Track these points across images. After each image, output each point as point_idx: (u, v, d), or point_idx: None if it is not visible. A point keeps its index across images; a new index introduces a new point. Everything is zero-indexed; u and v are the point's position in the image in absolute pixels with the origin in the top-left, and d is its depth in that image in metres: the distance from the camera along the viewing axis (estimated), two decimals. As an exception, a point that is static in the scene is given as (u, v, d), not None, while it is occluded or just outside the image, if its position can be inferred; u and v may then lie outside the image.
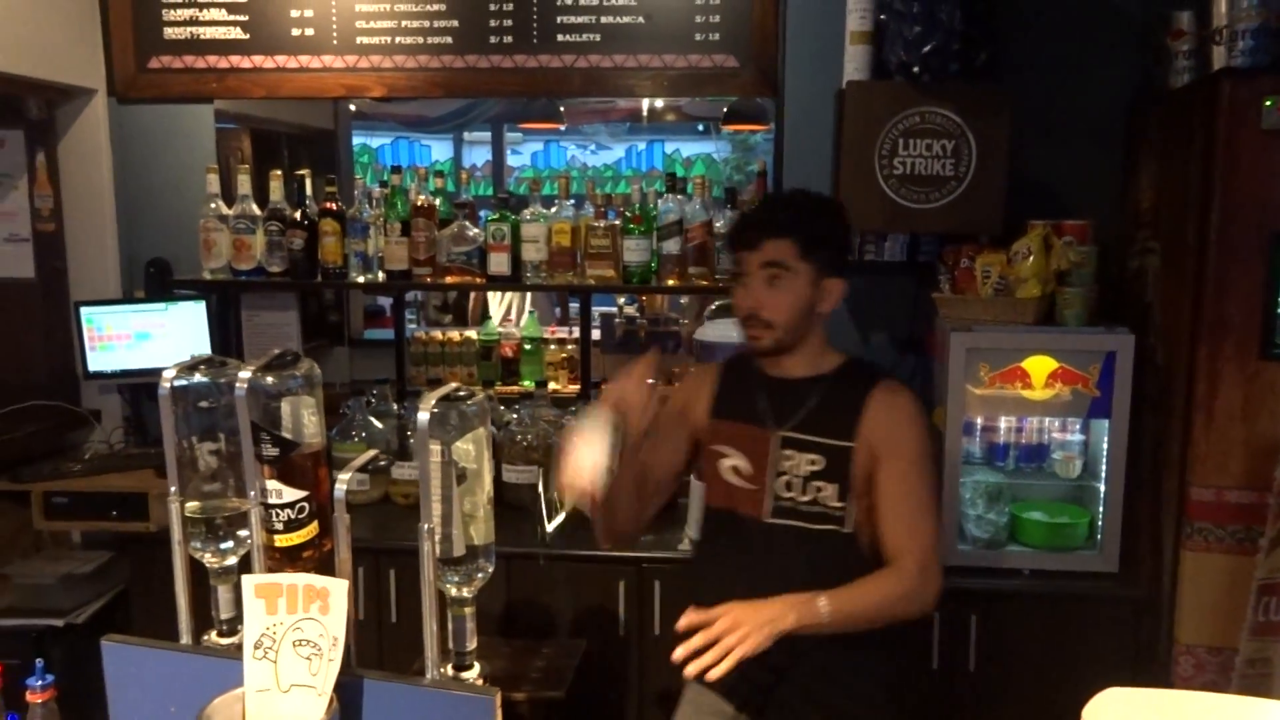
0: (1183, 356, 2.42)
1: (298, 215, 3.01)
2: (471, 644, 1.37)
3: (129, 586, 2.97)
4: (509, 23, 3.07)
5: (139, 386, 3.26)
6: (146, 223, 3.34)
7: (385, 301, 5.25)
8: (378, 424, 3.05)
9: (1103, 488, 2.60)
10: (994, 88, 2.67)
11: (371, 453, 1.41)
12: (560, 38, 3.06)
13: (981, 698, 2.59)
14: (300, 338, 3.26)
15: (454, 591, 1.35)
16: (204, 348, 3.12)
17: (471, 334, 4.01)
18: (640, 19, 3.03)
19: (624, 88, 3.13)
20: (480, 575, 1.36)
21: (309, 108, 3.88)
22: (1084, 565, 2.60)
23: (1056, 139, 2.89)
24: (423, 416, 1.26)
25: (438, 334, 4.06)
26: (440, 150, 7.92)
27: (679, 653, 1.68)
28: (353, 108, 4.60)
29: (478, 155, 8.00)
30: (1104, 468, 2.59)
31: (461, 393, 1.33)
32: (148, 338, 3.17)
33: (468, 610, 1.36)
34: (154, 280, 3.23)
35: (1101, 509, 2.60)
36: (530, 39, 3.06)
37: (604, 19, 3.04)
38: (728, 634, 1.65)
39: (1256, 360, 2.34)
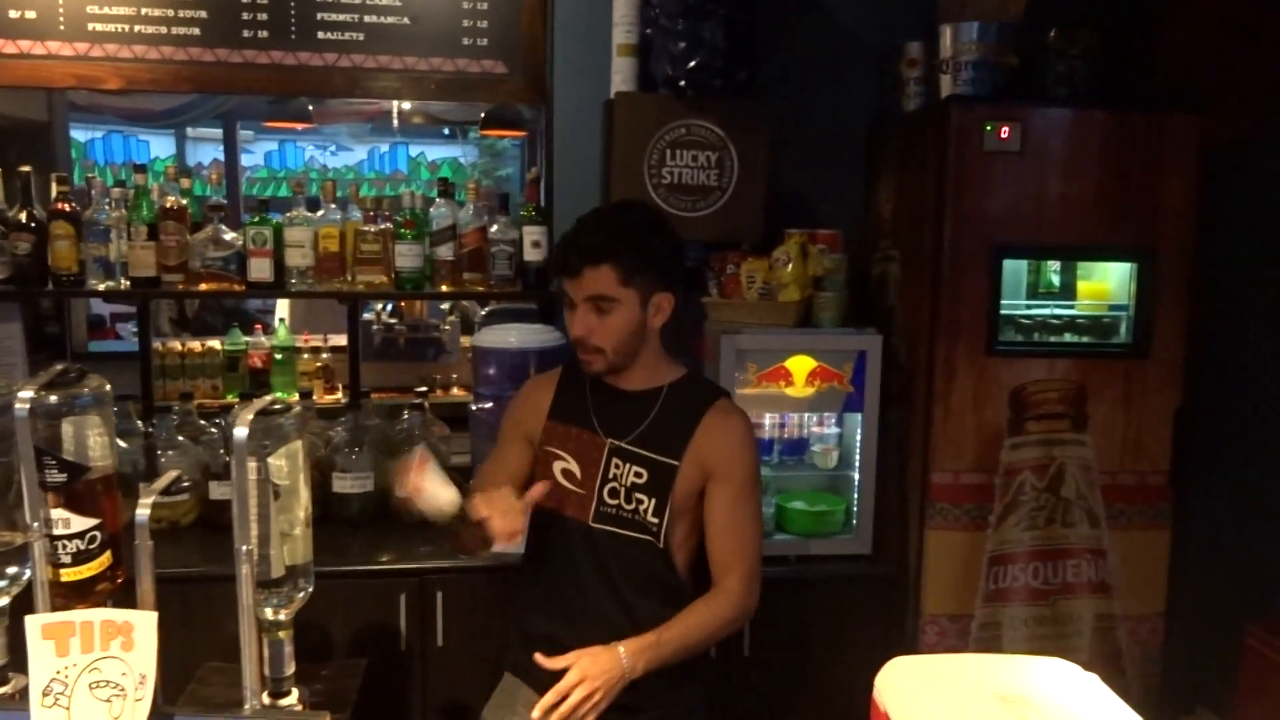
0: (922, 354, 2.68)
1: (23, 217, 2.70)
2: (290, 668, 1.31)
3: None
4: (264, 16, 2.90)
5: None
6: None
7: (105, 310, 4.80)
8: (123, 444, 2.79)
9: (857, 476, 2.81)
10: (753, 104, 2.83)
11: (174, 474, 1.31)
12: (321, 35, 2.93)
13: (759, 681, 2.71)
14: (25, 352, 2.93)
15: (272, 615, 1.28)
16: (-96, 365, 2.74)
17: (215, 344, 3.77)
18: (406, 19, 2.97)
19: (389, 90, 3.05)
20: (301, 596, 1.30)
21: (18, 96, 3.51)
22: (842, 549, 2.79)
23: (809, 153, 3.09)
24: (240, 432, 1.19)
25: (177, 345, 3.79)
26: (160, 146, 7.32)
27: (537, 714, 1.79)
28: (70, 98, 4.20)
29: (204, 153, 7.46)
30: (858, 457, 2.80)
31: (277, 406, 1.27)
32: None
33: (285, 634, 1.30)
34: None
35: (856, 496, 2.81)
36: (288, 34, 2.92)
37: (367, 18, 2.95)
38: (580, 696, 1.78)
39: (983, 357, 2.63)
